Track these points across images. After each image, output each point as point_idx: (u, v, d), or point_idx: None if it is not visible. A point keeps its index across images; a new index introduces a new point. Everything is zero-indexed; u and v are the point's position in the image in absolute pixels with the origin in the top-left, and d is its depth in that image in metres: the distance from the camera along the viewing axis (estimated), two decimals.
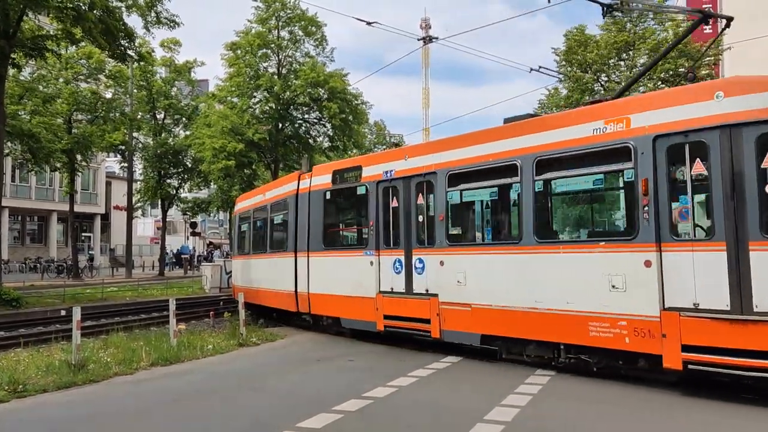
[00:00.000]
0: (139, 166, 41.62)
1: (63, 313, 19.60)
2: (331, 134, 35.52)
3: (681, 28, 24.06)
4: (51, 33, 21.82)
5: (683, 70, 23.65)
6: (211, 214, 56.58)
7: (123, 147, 37.62)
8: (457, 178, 10.02)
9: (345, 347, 11.68)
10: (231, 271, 23.42)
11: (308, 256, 13.36)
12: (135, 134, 38.00)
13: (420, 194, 10.73)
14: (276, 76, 33.10)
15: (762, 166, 6.72)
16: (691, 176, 7.17)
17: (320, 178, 13.28)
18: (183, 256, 49.78)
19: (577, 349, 8.33)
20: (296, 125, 34.89)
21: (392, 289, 11.09)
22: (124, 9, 21.79)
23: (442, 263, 10.06)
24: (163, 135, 39.14)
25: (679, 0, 32.22)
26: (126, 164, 38.49)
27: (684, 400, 7.15)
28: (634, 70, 24.70)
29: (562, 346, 8.49)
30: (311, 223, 13.29)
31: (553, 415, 6.67)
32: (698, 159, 7.12)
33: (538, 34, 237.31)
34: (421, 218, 10.68)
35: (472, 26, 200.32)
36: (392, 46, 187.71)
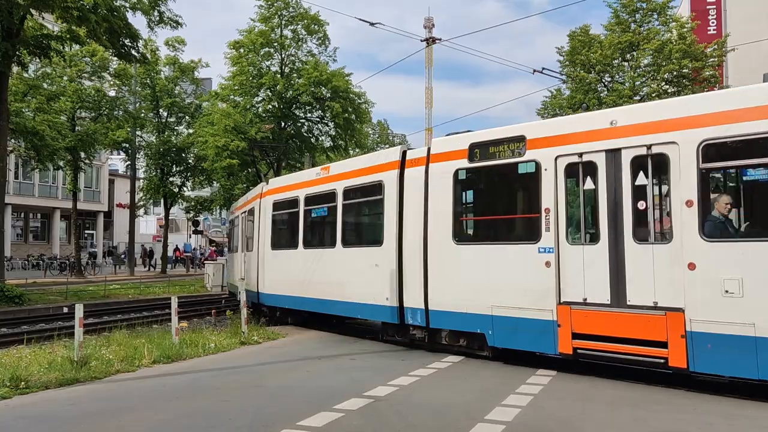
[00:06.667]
0: (142, 164, 41.67)
1: (65, 310, 19.67)
2: (334, 134, 35.53)
3: (685, 29, 24.07)
4: (55, 33, 21.84)
5: (687, 71, 23.62)
6: (214, 213, 56.66)
7: (126, 145, 37.72)
8: None
9: (346, 346, 11.69)
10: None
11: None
12: (138, 132, 38.07)
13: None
14: (279, 75, 33.12)
15: None
16: None
17: None
18: (186, 254, 49.87)
19: None
20: (298, 124, 34.90)
21: None
22: (128, 8, 21.82)
23: None
24: (166, 133, 39.19)
25: (683, 0, 32.14)
26: (129, 162, 38.56)
27: (687, 398, 7.16)
28: (638, 70, 24.67)
29: None
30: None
31: (554, 415, 6.67)
32: None
33: (532, 33, 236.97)
34: None
35: (466, 26, 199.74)
36: (387, 45, 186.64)
